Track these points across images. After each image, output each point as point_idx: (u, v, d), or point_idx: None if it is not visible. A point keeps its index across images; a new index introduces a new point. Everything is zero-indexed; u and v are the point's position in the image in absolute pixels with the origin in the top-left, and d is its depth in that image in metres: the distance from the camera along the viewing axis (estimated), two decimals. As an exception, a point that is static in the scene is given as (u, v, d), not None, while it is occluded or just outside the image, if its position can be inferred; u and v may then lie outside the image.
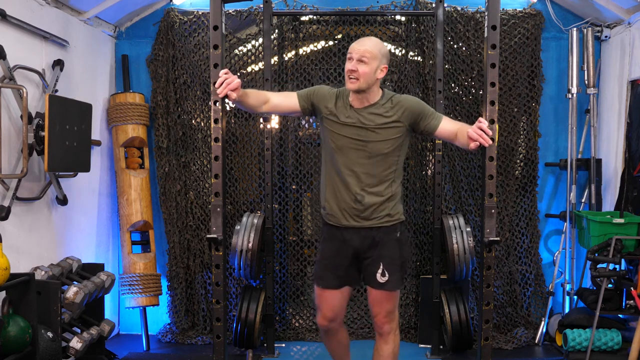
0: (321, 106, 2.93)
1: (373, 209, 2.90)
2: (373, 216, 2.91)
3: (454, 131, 2.85)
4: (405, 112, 2.87)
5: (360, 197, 2.87)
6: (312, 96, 2.95)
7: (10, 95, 3.32)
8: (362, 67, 2.78)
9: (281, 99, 2.97)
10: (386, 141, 2.86)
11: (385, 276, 2.92)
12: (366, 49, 2.79)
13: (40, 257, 3.60)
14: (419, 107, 2.90)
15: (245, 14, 4.57)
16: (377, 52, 2.81)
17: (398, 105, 2.88)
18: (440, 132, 2.88)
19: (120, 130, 4.42)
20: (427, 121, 2.88)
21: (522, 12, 4.53)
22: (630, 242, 3.85)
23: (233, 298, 4.58)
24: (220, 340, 2.79)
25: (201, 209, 4.61)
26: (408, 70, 4.53)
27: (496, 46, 2.74)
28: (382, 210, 2.91)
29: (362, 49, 2.79)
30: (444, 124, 2.88)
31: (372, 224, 2.92)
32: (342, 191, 2.91)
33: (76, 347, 3.46)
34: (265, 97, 2.90)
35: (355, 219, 2.92)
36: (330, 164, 2.95)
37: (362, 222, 2.92)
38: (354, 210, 2.90)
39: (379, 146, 2.86)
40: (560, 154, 4.63)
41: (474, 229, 4.36)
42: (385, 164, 2.89)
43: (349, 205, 2.90)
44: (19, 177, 3.26)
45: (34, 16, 3.48)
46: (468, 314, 4.15)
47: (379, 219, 2.92)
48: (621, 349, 3.92)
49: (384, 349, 3.02)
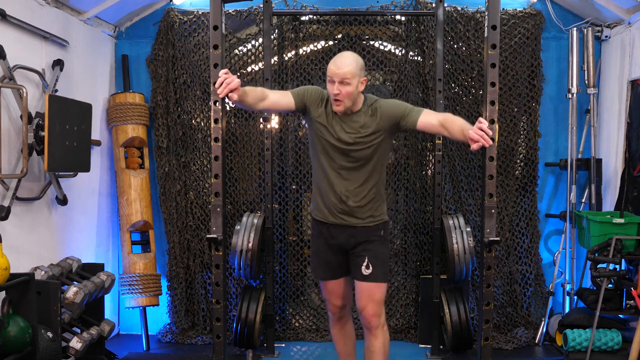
0: (311, 109, 3.01)
1: (357, 209, 3.01)
2: (357, 216, 3.02)
3: (436, 123, 2.88)
4: (384, 118, 2.95)
5: (345, 197, 2.99)
6: (304, 97, 3.01)
7: (10, 95, 3.32)
8: (344, 88, 2.86)
9: (278, 97, 3.00)
10: (367, 148, 2.96)
11: (369, 268, 3.01)
12: (345, 72, 2.85)
13: (40, 257, 3.59)
14: (396, 110, 2.96)
15: (245, 14, 4.57)
16: (356, 70, 2.88)
17: (377, 113, 2.96)
18: (421, 125, 2.91)
19: (120, 130, 4.42)
20: (406, 119, 2.93)
21: (522, 12, 4.53)
22: (630, 242, 3.85)
23: (233, 298, 4.58)
24: (220, 340, 2.79)
25: (201, 209, 4.61)
26: (408, 70, 4.53)
27: (496, 46, 2.74)
28: (366, 212, 3.02)
29: (341, 72, 2.85)
30: (424, 117, 2.91)
31: (357, 223, 3.03)
32: (328, 190, 3.02)
33: (76, 347, 3.46)
34: (262, 94, 2.92)
35: (341, 217, 3.03)
36: (317, 164, 3.06)
37: (347, 220, 3.03)
38: (339, 209, 3.02)
39: (361, 153, 2.96)
40: (560, 154, 4.63)
41: (474, 229, 4.36)
42: (368, 167, 2.99)
43: (335, 204, 3.02)
44: (19, 177, 3.26)
45: (34, 16, 3.48)
46: (468, 314, 4.15)
47: (363, 219, 3.03)
48: (621, 349, 3.92)
49: (375, 344, 3.05)
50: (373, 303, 3.02)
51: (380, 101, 3.00)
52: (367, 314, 3.03)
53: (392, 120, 2.94)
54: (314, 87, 3.05)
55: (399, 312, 4.62)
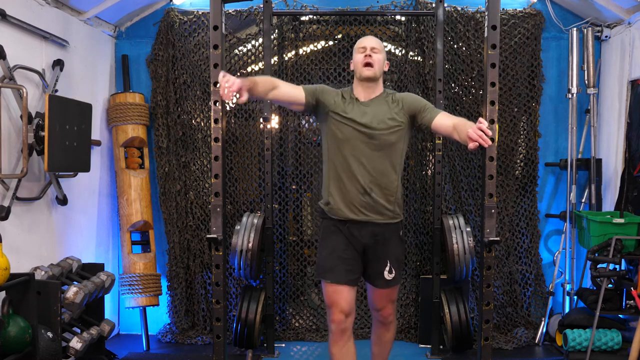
0: (327, 101, 2.98)
1: (381, 203, 2.92)
2: (380, 211, 2.93)
3: (451, 125, 2.87)
4: (405, 107, 2.99)
5: (369, 189, 2.90)
6: (317, 92, 2.99)
7: (10, 95, 3.32)
8: (376, 55, 2.96)
9: (289, 89, 2.96)
10: (391, 133, 2.93)
11: (392, 273, 3.02)
12: (376, 42, 3.01)
13: (40, 257, 3.59)
14: (417, 103, 3.00)
15: (245, 14, 4.57)
16: (382, 47, 3.03)
17: (399, 101, 3.00)
18: (436, 125, 2.92)
19: (120, 130, 4.42)
20: (424, 114, 2.95)
21: (522, 12, 4.53)
22: (630, 242, 3.85)
23: (233, 298, 4.58)
24: (220, 340, 2.79)
25: (201, 209, 4.61)
26: (408, 70, 4.53)
27: (496, 46, 2.75)
28: (389, 206, 2.95)
29: (372, 41, 3.00)
30: (440, 118, 2.92)
31: (380, 220, 2.94)
32: (349, 184, 2.91)
33: (76, 347, 3.46)
34: (273, 83, 2.88)
35: (364, 212, 2.92)
36: (336, 157, 2.95)
37: (370, 216, 2.93)
38: (363, 203, 2.91)
39: (385, 137, 2.92)
40: (560, 154, 4.63)
41: (474, 229, 4.36)
42: (391, 157, 2.94)
43: (357, 197, 2.91)
44: (19, 177, 3.26)
45: (34, 16, 3.48)
46: (468, 314, 4.15)
47: (387, 214, 2.95)
48: (621, 349, 3.91)
49: (387, 336, 3.22)
50: (391, 303, 3.13)
51: (400, 93, 3.06)
52: (386, 313, 3.13)
53: (412, 111, 2.97)
54: (329, 87, 3.06)
55: (399, 312, 4.61)
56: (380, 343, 3.23)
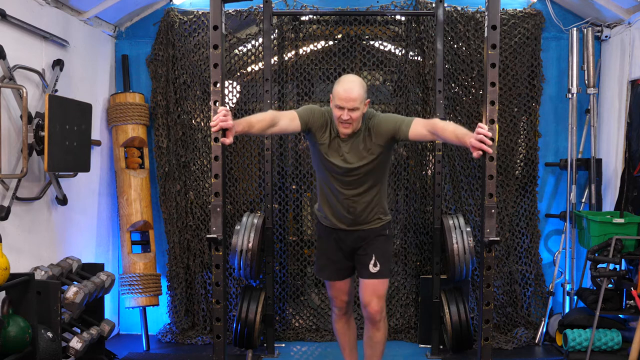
0: (316, 134, 3.11)
1: (364, 216, 3.17)
2: (364, 221, 3.19)
3: (425, 132, 2.96)
4: (379, 136, 3.05)
5: (352, 208, 3.14)
6: (309, 121, 3.08)
7: (10, 95, 3.32)
8: (354, 113, 2.97)
9: (287, 123, 3.05)
10: (369, 164, 3.08)
11: (377, 266, 3.18)
12: (355, 98, 2.94)
13: (40, 257, 3.59)
14: (388, 126, 3.04)
15: (245, 14, 4.57)
16: (362, 93, 2.99)
17: (372, 133, 3.06)
18: (412, 136, 3.01)
19: (120, 130, 4.42)
20: (399, 133, 3.03)
21: (522, 12, 4.53)
22: (630, 242, 3.85)
23: (233, 298, 4.58)
24: (220, 340, 2.79)
25: (201, 209, 4.61)
26: (408, 70, 4.53)
27: (496, 46, 2.74)
28: (373, 216, 3.19)
29: (351, 98, 2.93)
30: (413, 128, 2.99)
31: (366, 227, 3.20)
32: (335, 202, 3.17)
33: (76, 347, 3.45)
34: (272, 121, 2.97)
35: (349, 225, 3.20)
36: (322, 179, 3.21)
37: (356, 227, 3.20)
38: (347, 219, 3.18)
39: (364, 169, 3.09)
40: (560, 154, 4.63)
41: (474, 229, 4.35)
42: (371, 178, 3.13)
43: (342, 214, 3.17)
44: (19, 177, 3.26)
45: (34, 16, 3.48)
46: (468, 314, 4.15)
47: (369, 223, 3.20)
48: (621, 349, 3.91)
49: (377, 336, 3.27)
50: (377, 298, 3.19)
51: (375, 118, 3.08)
52: (372, 309, 3.19)
53: (386, 136, 3.06)
54: (319, 110, 3.12)
55: (399, 312, 4.62)
56: (371, 344, 3.30)
